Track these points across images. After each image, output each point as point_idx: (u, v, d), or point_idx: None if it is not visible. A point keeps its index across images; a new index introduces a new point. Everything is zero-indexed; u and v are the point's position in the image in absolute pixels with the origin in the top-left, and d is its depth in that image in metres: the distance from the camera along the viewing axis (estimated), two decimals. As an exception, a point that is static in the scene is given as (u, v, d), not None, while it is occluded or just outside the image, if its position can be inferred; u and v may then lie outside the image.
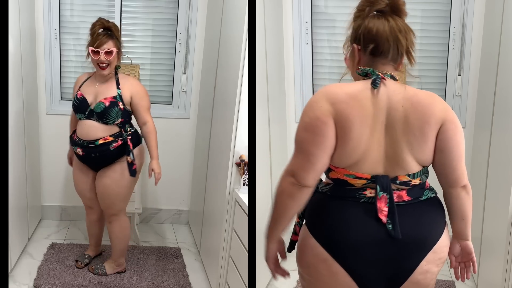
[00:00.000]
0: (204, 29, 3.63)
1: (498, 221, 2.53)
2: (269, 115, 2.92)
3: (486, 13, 3.11)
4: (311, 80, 3.42)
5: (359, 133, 1.46)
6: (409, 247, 1.49)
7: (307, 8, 3.34)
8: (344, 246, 1.49)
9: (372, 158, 1.49)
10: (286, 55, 3.36)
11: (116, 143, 2.69)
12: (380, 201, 1.49)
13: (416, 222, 1.51)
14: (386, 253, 1.49)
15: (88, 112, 2.68)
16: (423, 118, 1.47)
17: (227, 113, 2.70)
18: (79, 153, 2.75)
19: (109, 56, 2.64)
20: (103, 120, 2.66)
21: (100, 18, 2.72)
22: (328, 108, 1.45)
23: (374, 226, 1.48)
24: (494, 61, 2.75)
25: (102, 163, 2.76)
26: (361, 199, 1.51)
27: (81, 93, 2.71)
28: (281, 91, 3.29)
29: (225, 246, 2.66)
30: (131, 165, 2.69)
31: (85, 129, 2.69)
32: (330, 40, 3.39)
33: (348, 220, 1.50)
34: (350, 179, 1.51)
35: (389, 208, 1.49)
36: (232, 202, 2.59)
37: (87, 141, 2.69)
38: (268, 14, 2.90)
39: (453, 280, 3.02)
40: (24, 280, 2.88)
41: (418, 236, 1.50)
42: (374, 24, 1.52)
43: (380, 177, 1.50)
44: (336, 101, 1.46)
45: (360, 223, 1.49)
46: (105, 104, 2.64)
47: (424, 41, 3.31)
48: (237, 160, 2.59)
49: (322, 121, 1.45)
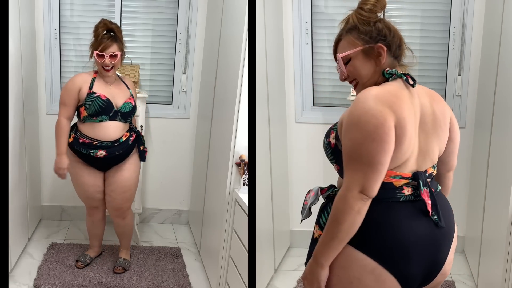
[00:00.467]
0: (204, 29, 3.63)
1: (498, 221, 2.53)
2: (269, 115, 2.92)
3: (486, 13, 3.11)
4: (311, 80, 3.42)
5: (411, 133, 1.46)
6: (444, 238, 1.54)
7: (307, 8, 3.34)
8: (395, 250, 1.44)
9: (413, 156, 1.51)
10: (286, 55, 3.36)
11: (132, 137, 2.84)
12: (424, 195, 1.49)
13: (442, 213, 1.54)
14: (428, 249, 1.50)
15: (112, 113, 2.73)
16: (444, 111, 1.57)
17: (227, 113, 2.70)
18: (100, 156, 2.73)
19: (113, 59, 2.70)
20: (126, 119, 2.80)
21: (103, 19, 2.73)
22: (388, 111, 1.39)
23: (419, 223, 1.49)
24: (494, 61, 2.75)
25: (120, 160, 2.83)
26: (401, 198, 1.48)
27: (103, 94, 2.71)
28: (281, 91, 3.29)
29: (225, 246, 2.66)
30: (143, 152, 2.92)
31: (109, 130, 2.73)
32: (330, 40, 3.39)
33: (392, 223, 1.46)
34: (395, 180, 1.47)
35: (432, 201, 1.51)
36: (232, 202, 2.59)
37: (110, 142, 2.74)
38: (268, 14, 2.90)
39: (453, 280, 3.02)
40: (24, 280, 2.88)
41: (447, 226, 1.54)
42: (393, 25, 1.57)
43: (420, 173, 1.51)
44: (391, 102, 1.41)
45: (406, 223, 1.47)
46: (132, 104, 2.79)
47: (424, 41, 3.31)
48: (237, 160, 2.59)
49: (389, 127, 1.38)
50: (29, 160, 3.24)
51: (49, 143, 3.65)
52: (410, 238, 1.46)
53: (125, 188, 2.89)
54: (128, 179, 2.88)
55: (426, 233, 1.49)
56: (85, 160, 2.79)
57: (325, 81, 3.44)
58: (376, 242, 1.44)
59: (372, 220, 1.45)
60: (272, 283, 3.03)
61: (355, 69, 1.56)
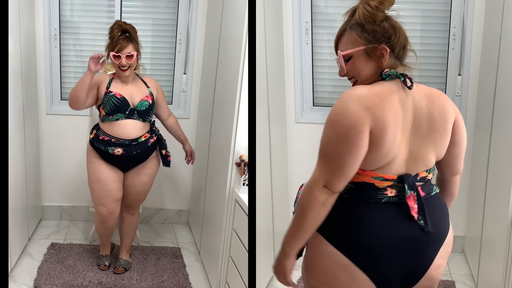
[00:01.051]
0: (204, 29, 3.63)
1: (498, 221, 2.53)
2: (269, 115, 2.92)
3: (486, 13, 3.11)
4: (311, 80, 3.42)
5: (393, 136, 1.43)
6: (429, 243, 1.50)
7: (307, 8, 3.34)
8: (368, 250, 1.45)
9: (400, 159, 1.48)
10: (286, 55, 3.36)
11: (152, 139, 2.85)
12: (409, 200, 1.47)
13: (431, 217, 1.50)
14: (408, 253, 1.47)
15: (129, 111, 2.75)
16: (444, 114, 1.51)
17: (227, 113, 2.70)
18: (117, 153, 2.76)
19: (130, 60, 2.74)
20: (144, 118, 2.80)
21: (117, 20, 2.82)
22: (364, 114, 1.38)
23: (398, 226, 1.47)
24: (494, 61, 2.75)
25: (138, 161, 2.85)
26: (382, 200, 1.48)
27: (119, 93, 2.75)
28: (281, 91, 3.29)
29: (225, 246, 2.66)
30: (166, 157, 2.94)
31: (127, 128, 2.76)
32: (330, 40, 3.38)
33: (370, 223, 1.46)
34: (377, 181, 1.47)
35: (418, 205, 1.48)
36: (232, 202, 2.59)
37: (128, 140, 2.76)
38: (268, 14, 2.89)
39: (453, 280, 3.02)
40: (24, 280, 2.88)
41: (435, 230, 1.51)
42: (399, 25, 1.51)
43: (406, 176, 1.48)
44: (372, 105, 1.40)
45: (384, 225, 1.46)
46: (149, 102, 2.80)
47: (424, 41, 3.31)
48: (237, 160, 2.59)
49: (359, 130, 1.38)
50: (29, 160, 3.24)
51: (49, 143, 3.66)
52: (385, 241, 1.45)
53: (140, 192, 2.99)
54: (145, 184, 2.96)
55: (407, 237, 1.47)
56: (104, 157, 2.82)
57: (325, 81, 3.44)
58: (350, 240, 1.46)
59: (349, 217, 1.47)
60: (272, 283, 3.03)
61: (356, 68, 1.53)
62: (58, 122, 3.64)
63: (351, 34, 1.52)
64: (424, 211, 1.48)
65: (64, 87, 3.65)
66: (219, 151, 2.90)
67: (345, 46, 1.54)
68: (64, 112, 3.63)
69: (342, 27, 1.56)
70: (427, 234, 1.48)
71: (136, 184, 2.93)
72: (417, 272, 1.52)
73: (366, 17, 1.49)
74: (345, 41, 1.54)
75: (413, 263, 1.49)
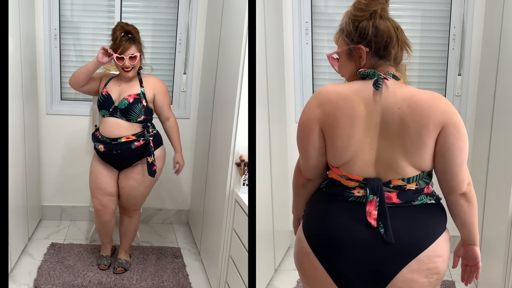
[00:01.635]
0: (204, 29, 3.63)
1: (498, 221, 2.53)
2: (269, 115, 2.92)
3: (486, 13, 3.11)
4: (311, 80, 3.42)
5: (348, 133, 1.45)
6: (390, 252, 1.43)
7: (307, 8, 3.34)
8: (325, 243, 1.50)
9: (363, 160, 1.47)
10: (286, 55, 3.36)
11: (138, 142, 2.79)
12: (370, 204, 1.45)
13: (401, 227, 1.44)
14: (367, 256, 1.44)
15: (112, 109, 2.78)
16: (421, 121, 1.40)
17: (227, 113, 2.70)
18: (100, 150, 2.81)
19: (133, 61, 2.77)
20: (127, 117, 2.78)
21: (119, 22, 2.86)
22: (315, 110, 1.50)
23: (359, 227, 1.46)
24: (494, 61, 2.75)
25: (124, 162, 2.85)
26: (350, 198, 1.51)
27: (106, 90, 2.81)
28: (281, 91, 3.29)
29: (225, 246, 2.66)
30: (151, 165, 2.81)
31: (109, 127, 2.78)
32: (330, 40, 3.38)
33: (332, 218, 1.51)
34: (343, 180, 1.53)
35: (380, 212, 1.44)
36: (232, 202, 2.59)
37: (109, 139, 2.78)
38: (268, 14, 2.90)
39: (453, 280, 3.02)
40: (24, 280, 2.88)
41: (401, 241, 1.43)
42: (382, 25, 1.48)
43: (371, 180, 1.47)
44: (325, 101, 1.49)
45: (344, 222, 1.48)
46: (129, 100, 2.77)
47: (424, 41, 3.31)
48: (237, 160, 2.59)
49: (307, 125, 1.52)
50: (29, 160, 3.24)
51: (49, 143, 3.66)
52: (343, 237, 1.47)
53: (129, 195, 2.95)
54: (134, 189, 2.91)
55: (365, 238, 1.44)
56: (97, 153, 2.88)
57: (325, 81, 3.44)
58: (314, 229, 1.54)
59: (318, 209, 1.57)
60: (272, 283, 3.03)
61: (340, 68, 1.61)
62: (58, 122, 3.64)
63: (336, 37, 1.59)
64: (386, 218, 1.43)
65: (64, 87, 3.65)
66: (219, 151, 2.90)
67: (334, 48, 1.62)
68: (64, 112, 3.63)
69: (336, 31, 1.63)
70: (390, 243, 1.42)
71: (124, 187, 2.91)
72: (379, 279, 1.46)
73: (349, 19, 1.53)
74: (336, 43, 1.62)
75: (371, 267, 1.45)
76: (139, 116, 2.79)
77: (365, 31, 1.49)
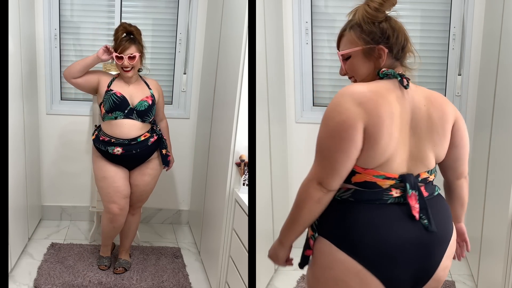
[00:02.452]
0: (204, 29, 3.63)
1: (498, 221, 2.54)
2: (269, 115, 2.92)
3: (486, 13, 3.11)
4: (311, 80, 3.42)
5: (390, 131, 1.43)
6: (435, 243, 1.49)
7: (307, 8, 3.34)
8: (380, 253, 1.43)
9: (400, 157, 1.48)
10: (286, 55, 3.36)
11: (153, 138, 2.86)
12: (411, 199, 1.46)
13: (435, 216, 1.50)
14: (417, 253, 1.46)
15: (128, 110, 2.78)
16: (444, 116, 1.52)
17: (227, 113, 2.70)
18: (117, 153, 2.78)
19: (132, 61, 2.77)
20: (143, 118, 2.82)
21: (122, 22, 2.86)
22: (356, 109, 1.39)
23: (406, 227, 1.45)
24: (494, 61, 2.76)
25: (140, 160, 2.87)
26: (388, 200, 1.47)
27: (119, 91, 2.79)
28: (281, 91, 3.29)
29: (225, 246, 2.66)
30: (166, 156, 2.94)
31: (125, 128, 2.79)
32: (330, 40, 3.39)
33: (379, 225, 1.44)
34: (379, 180, 1.46)
35: (420, 204, 1.47)
36: (232, 202, 2.60)
37: (127, 140, 2.78)
38: (268, 14, 2.90)
39: (453, 280, 3.02)
40: (24, 280, 2.88)
41: (441, 231, 1.51)
42: (398, 26, 1.53)
43: (408, 175, 1.48)
44: (365, 100, 1.41)
45: (393, 226, 1.45)
46: (148, 102, 2.82)
47: (424, 41, 3.31)
48: (237, 160, 2.59)
49: (350, 125, 1.39)
50: (29, 160, 3.24)
51: (49, 143, 3.66)
52: (397, 242, 1.44)
53: (143, 192, 2.99)
54: (148, 184, 2.97)
55: (414, 237, 1.45)
56: (106, 157, 2.84)
57: (325, 81, 3.44)
58: (361, 244, 1.43)
59: (358, 221, 1.45)
60: (272, 283, 3.03)
61: (354, 68, 1.55)
62: (58, 122, 3.64)
63: (350, 35, 1.54)
64: (427, 210, 1.47)
65: (64, 87, 3.65)
66: (219, 151, 2.90)
67: (344, 46, 1.57)
68: (64, 112, 3.63)
69: (343, 28, 1.58)
70: (432, 233, 1.47)
71: (139, 184, 2.94)
72: (427, 272, 1.50)
73: (365, 18, 1.51)
74: (345, 41, 1.57)
75: (423, 264, 1.48)
76: (151, 116, 2.88)
77: (386, 32, 1.51)
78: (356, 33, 1.52)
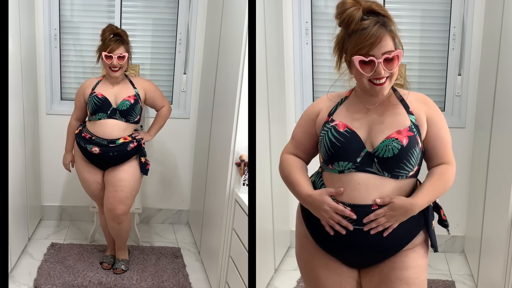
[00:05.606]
0: (204, 29, 3.63)
1: (498, 221, 2.53)
2: (269, 115, 2.92)
3: (486, 13, 3.11)
4: (311, 80, 3.42)
5: None
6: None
7: (307, 8, 3.34)
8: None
9: None
10: (286, 55, 3.36)
11: (133, 144, 2.84)
12: None
13: None
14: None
15: (110, 111, 2.79)
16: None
17: (227, 113, 2.70)
18: (94, 152, 2.80)
19: (121, 61, 2.80)
20: (127, 118, 2.83)
21: (109, 24, 2.88)
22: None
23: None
24: (494, 61, 2.75)
25: (116, 162, 2.85)
26: None
27: (101, 93, 2.82)
28: (281, 91, 3.29)
29: (225, 246, 2.66)
30: (145, 165, 2.91)
31: (108, 128, 2.80)
32: (330, 40, 3.37)
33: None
34: None
35: None
36: (232, 202, 2.59)
37: (107, 140, 2.79)
38: (268, 14, 2.90)
39: (453, 280, 3.02)
40: (24, 280, 2.88)
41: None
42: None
43: None
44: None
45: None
46: (130, 101, 2.81)
47: (424, 41, 3.31)
48: (237, 160, 2.59)
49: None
50: (29, 160, 3.24)
51: (49, 143, 3.66)
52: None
53: (117, 187, 2.84)
54: (123, 180, 2.84)
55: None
56: (85, 155, 2.86)
57: (325, 81, 3.44)
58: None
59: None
60: (272, 283, 3.03)
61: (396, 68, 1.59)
62: (58, 122, 3.63)
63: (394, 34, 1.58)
64: None
65: (64, 87, 3.66)
66: (219, 151, 2.90)
67: (393, 45, 1.57)
68: (64, 112, 3.62)
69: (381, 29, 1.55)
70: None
71: (112, 180, 2.84)
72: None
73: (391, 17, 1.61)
74: (390, 40, 1.57)
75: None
76: (137, 116, 2.87)
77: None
78: (398, 36, 1.57)
